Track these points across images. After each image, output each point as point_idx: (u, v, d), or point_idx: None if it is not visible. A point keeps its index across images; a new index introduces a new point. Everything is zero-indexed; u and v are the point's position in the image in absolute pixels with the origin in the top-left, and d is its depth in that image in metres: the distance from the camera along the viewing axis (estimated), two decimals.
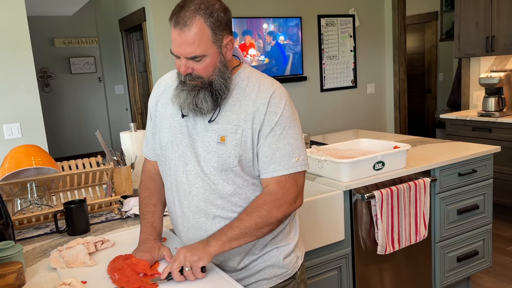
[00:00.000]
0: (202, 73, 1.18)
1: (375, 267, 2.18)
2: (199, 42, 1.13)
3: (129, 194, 1.88)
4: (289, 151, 1.22)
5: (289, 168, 1.22)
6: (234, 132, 1.20)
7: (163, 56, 3.84)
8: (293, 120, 1.24)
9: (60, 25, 7.60)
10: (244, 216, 1.20)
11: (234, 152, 1.20)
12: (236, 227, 1.18)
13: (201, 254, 1.14)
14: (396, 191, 2.09)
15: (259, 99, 1.21)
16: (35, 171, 1.69)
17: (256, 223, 1.19)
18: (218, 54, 1.18)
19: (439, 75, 6.26)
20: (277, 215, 1.21)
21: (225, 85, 1.21)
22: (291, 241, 1.35)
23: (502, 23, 3.70)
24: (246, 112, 1.21)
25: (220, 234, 1.18)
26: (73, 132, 7.85)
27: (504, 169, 3.58)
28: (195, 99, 1.19)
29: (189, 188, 1.26)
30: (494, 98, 3.73)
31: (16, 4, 2.92)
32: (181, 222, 1.31)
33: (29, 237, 1.55)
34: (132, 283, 1.13)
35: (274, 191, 1.22)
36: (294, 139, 1.23)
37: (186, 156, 1.25)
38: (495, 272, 2.87)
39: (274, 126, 1.20)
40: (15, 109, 2.97)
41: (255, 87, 1.24)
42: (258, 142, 1.22)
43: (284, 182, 1.22)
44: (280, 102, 1.22)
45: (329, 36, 4.65)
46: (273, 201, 1.21)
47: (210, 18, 1.13)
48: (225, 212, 1.25)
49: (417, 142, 2.74)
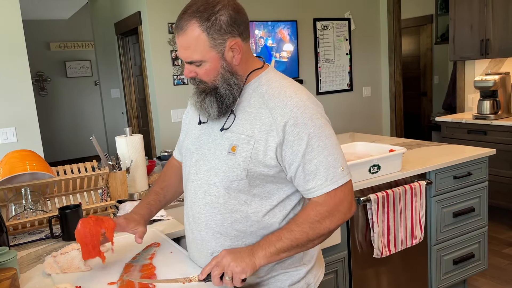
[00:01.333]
0: (204, 78, 1.14)
1: (371, 271, 2.18)
2: (194, 48, 1.10)
3: (124, 198, 1.88)
4: (332, 162, 1.12)
5: (337, 180, 1.12)
6: (246, 143, 1.13)
7: (159, 60, 3.84)
8: (327, 129, 1.14)
9: (56, 28, 7.59)
10: (294, 226, 1.12)
11: (243, 164, 1.12)
12: (286, 239, 1.10)
13: (245, 266, 1.08)
14: (392, 194, 2.09)
15: (278, 109, 1.11)
16: (29, 176, 1.68)
17: (308, 235, 1.12)
18: (219, 59, 1.12)
19: (435, 78, 6.28)
20: (330, 225, 1.13)
21: (230, 91, 1.14)
22: (302, 267, 1.24)
23: (496, 27, 3.73)
24: (262, 122, 1.12)
25: (268, 244, 1.11)
26: (68, 136, 7.83)
27: (500, 171, 3.60)
28: (203, 103, 1.16)
29: (194, 198, 1.23)
30: (489, 101, 3.75)
31: (12, 8, 2.91)
32: (188, 232, 1.29)
33: (23, 243, 1.54)
34: (84, 237, 1.18)
35: (325, 202, 1.13)
36: (334, 148, 1.13)
37: (199, 165, 1.22)
38: (491, 274, 2.88)
39: (309, 140, 1.10)
40: (10, 113, 2.96)
41: (274, 94, 1.14)
42: (284, 158, 1.12)
43: (334, 193, 1.12)
44: (305, 112, 1.11)
45: (324, 39, 4.66)
46: (326, 211, 1.12)
47: (206, 22, 1.08)
48: (224, 228, 1.18)
49: (412, 145, 2.74)
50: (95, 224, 1.20)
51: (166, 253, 1.35)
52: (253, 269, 1.09)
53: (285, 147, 1.11)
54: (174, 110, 3.94)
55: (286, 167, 1.13)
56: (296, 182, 1.14)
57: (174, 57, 3.88)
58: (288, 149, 1.11)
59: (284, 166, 1.13)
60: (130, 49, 4.73)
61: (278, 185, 1.17)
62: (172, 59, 3.88)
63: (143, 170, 2.03)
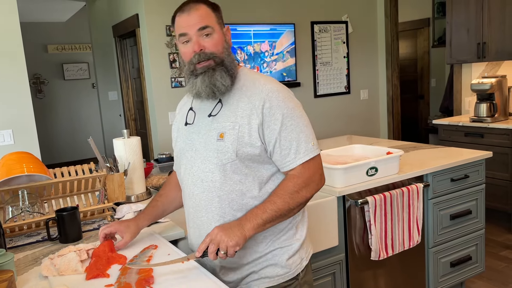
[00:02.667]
0: (214, 49, 1.27)
1: (369, 273, 2.18)
2: (207, 17, 1.27)
3: (122, 201, 1.87)
4: (304, 138, 1.28)
5: (309, 153, 1.28)
6: (232, 128, 1.26)
7: (157, 62, 3.84)
8: (298, 109, 1.29)
9: (54, 31, 7.58)
10: (276, 198, 1.26)
11: (232, 146, 1.25)
12: (271, 210, 1.24)
13: (238, 239, 1.19)
14: (389, 197, 2.09)
15: (255, 95, 1.27)
16: (27, 178, 1.68)
17: (289, 204, 1.26)
18: (222, 34, 1.30)
19: (432, 81, 6.31)
20: (306, 194, 1.28)
21: (234, 64, 1.30)
22: (296, 242, 1.37)
23: (493, 30, 3.74)
24: (242, 109, 1.27)
25: (255, 217, 1.23)
26: (66, 139, 7.81)
27: (496, 174, 3.61)
28: (212, 79, 1.26)
29: (193, 188, 1.34)
30: (485, 104, 3.76)
31: (9, 10, 2.91)
32: (189, 223, 1.40)
33: (20, 245, 1.54)
34: (95, 268, 1.25)
35: (301, 173, 1.28)
36: (305, 126, 1.29)
37: (193, 159, 1.33)
38: (488, 277, 2.88)
39: (283, 120, 1.25)
40: (8, 115, 2.95)
41: (250, 85, 1.30)
42: (264, 137, 1.26)
43: (308, 166, 1.28)
44: (279, 95, 1.27)
45: (322, 42, 4.67)
46: (302, 182, 1.27)
47: (213, 6, 1.30)
48: (222, 209, 1.29)
49: (410, 147, 2.75)
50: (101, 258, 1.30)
51: (164, 255, 1.35)
52: (244, 240, 1.21)
53: (264, 127, 1.26)
54: (172, 113, 3.94)
55: (266, 145, 1.28)
56: (274, 157, 1.29)
57: (172, 59, 3.89)
58: (266, 128, 1.26)
59: (265, 144, 1.28)
60: (128, 51, 4.72)
61: (265, 164, 1.30)
62: (170, 61, 3.88)
63: (141, 172, 2.03)
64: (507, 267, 3.03)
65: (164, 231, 1.59)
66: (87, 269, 1.26)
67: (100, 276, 1.22)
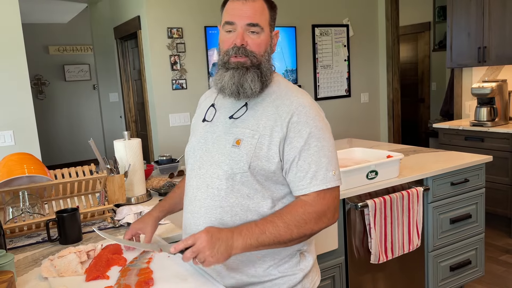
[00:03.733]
0: (255, 49, 1.18)
1: (368, 276, 2.18)
2: (261, 14, 1.18)
3: (122, 202, 1.88)
4: (326, 165, 1.15)
5: (327, 182, 1.15)
6: (251, 137, 1.17)
7: (158, 64, 3.85)
8: (327, 132, 1.19)
9: (55, 32, 7.59)
10: (280, 222, 1.11)
11: (246, 156, 1.15)
12: (270, 234, 1.10)
13: (220, 257, 1.07)
14: (389, 200, 2.09)
15: (284, 106, 1.17)
16: (27, 179, 1.68)
17: (291, 234, 1.12)
18: (269, 37, 1.21)
19: (432, 85, 6.31)
20: (314, 227, 1.15)
21: (269, 72, 1.21)
22: (299, 272, 1.25)
23: (493, 34, 3.75)
24: (267, 118, 1.17)
25: (250, 235, 1.09)
26: (66, 140, 7.81)
27: (496, 178, 3.61)
28: (242, 78, 1.16)
29: (196, 192, 1.24)
30: (486, 108, 3.77)
31: (11, 11, 2.92)
32: (185, 229, 1.30)
33: (20, 246, 1.54)
34: (94, 271, 1.24)
35: (315, 202, 1.14)
36: (330, 151, 1.17)
37: (202, 160, 1.24)
38: (488, 281, 2.88)
39: (307, 138, 1.15)
40: (8, 116, 2.95)
41: (281, 94, 1.21)
42: (284, 153, 1.15)
43: (323, 196, 1.15)
44: (310, 111, 1.17)
45: (323, 45, 4.68)
46: (314, 212, 1.14)
47: (270, 4, 1.22)
48: (223, 222, 1.19)
49: (410, 151, 2.75)
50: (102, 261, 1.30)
51: (163, 257, 1.35)
52: (226, 259, 1.09)
53: (286, 142, 1.15)
54: (173, 115, 3.95)
55: (284, 162, 1.17)
56: (289, 177, 1.17)
57: (173, 61, 3.89)
58: (287, 144, 1.15)
59: (282, 161, 1.17)
60: (129, 53, 4.73)
61: (279, 185, 1.20)
62: (171, 63, 3.89)
63: (141, 174, 2.03)
64: (506, 271, 3.02)
65: (164, 233, 1.59)
66: (87, 271, 1.27)
67: (100, 277, 1.22)
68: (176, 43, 3.89)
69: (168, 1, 3.84)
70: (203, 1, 3.99)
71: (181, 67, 3.94)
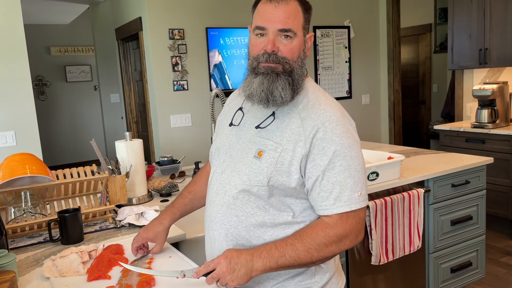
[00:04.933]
0: (287, 55, 1.11)
1: (369, 278, 2.18)
2: (294, 18, 1.10)
3: (123, 203, 1.88)
4: (351, 185, 1.08)
5: (351, 204, 1.08)
6: (274, 150, 1.11)
7: (159, 65, 3.86)
8: (354, 149, 1.10)
9: (57, 33, 7.61)
10: (299, 245, 1.07)
11: (267, 170, 1.10)
12: (290, 257, 1.07)
13: (240, 280, 1.05)
14: (390, 202, 2.10)
15: (309, 120, 1.10)
16: (29, 179, 1.68)
17: (312, 257, 1.08)
18: (303, 42, 1.14)
19: (433, 87, 6.31)
20: (335, 250, 1.10)
21: (301, 79, 1.14)
22: (315, 284, 1.19)
23: (494, 36, 3.75)
24: (291, 131, 1.11)
25: (270, 258, 1.07)
26: (68, 141, 7.83)
27: (497, 180, 3.61)
28: (272, 86, 1.09)
29: (214, 197, 1.21)
30: (487, 110, 3.77)
31: (13, 12, 2.93)
32: (205, 231, 1.28)
33: (22, 246, 1.55)
34: (96, 271, 1.25)
35: (336, 225, 1.09)
36: (357, 171, 1.10)
37: (225, 165, 1.20)
38: (489, 283, 2.88)
39: (332, 157, 1.08)
40: (10, 117, 2.96)
41: (309, 105, 1.13)
42: (305, 171, 1.10)
43: (347, 218, 1.09)
44: (336, 128, 1.09)
45: (324, 47, 4.69)
46: (335, 235, 1.09)
47: (304, 6, 1.13)
48: (238, 231, 1.16)
49: (411, 153, 2.76)
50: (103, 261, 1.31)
51: (165, 258, 1.35)
52: (247, 281, 1.07)
53: (309, 159, 1.09)
54: (174, 116, 3.95)
55: (305, 180, 1.11)
56: (311, 196, 1.12)
57: (175, 62, 3.90)
58: (310, 162, 1.09)
59: (303, 178, 1.11)
60: (131, 54, 4.74)
61: (299, 199, 1.15)
62: (172, 64, 3.90)
63: (142, 175, 2.03)
64: (507, 273, 3.02)
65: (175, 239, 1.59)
66: (88, 271, 1.27)
67: (102, 277, 1.23)
68: (178, 44, 3.90)
69: (169, 3, 3.85)
70: (204, 3, 4.00)
71: (183, 68, 3.94)
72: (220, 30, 4.06)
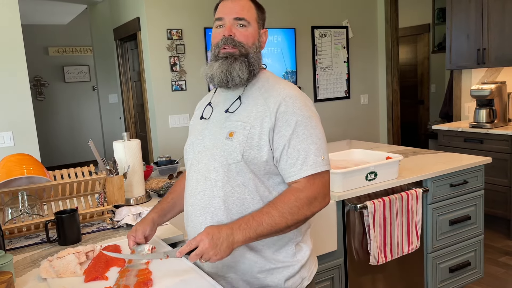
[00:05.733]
0: (243, 39, 1.26)
1: (367, 278, 2.18)
2: (248, 10, 1.28)
3: (121, 203, 1.88)
4: (315, 150, 1.21)
5: (317, 167, 1.20)
6: (243, 128, 1.23)
7: (158, 66, 3.85)
8: (314, 120, 1.24)
9: (55, 33, 7.60)
10: (274, 211, 1.18)
11: (239, 147, 1.22)
12: (267, 224, 1.16)
13: (223, 254, 1.13)
14: (389, 202, 2.09)
15: (271, 98, 1.24)
16: (26, 180, 1.68)
17: (287, 221, 1.18)
18: (257, 32, 1.30)
19: (432, 87, 6.32)
20: (307, 212, 1.20)
21: (258, 63, 1.28)
22: (296, 263, 1.30)
23: (493, 36, 3.76)
24: (257, 110, 1.24)
25: (248, 228, 1.15)
26: (66, 141, 7.81)
27: (496, 180, 3.61)
28: (230, 67, 1.24)
29: (195, 186, 1.29)
30: (485, 110, 3.77)
31: (10, 13, 2.92)
32: (187, 222, 1.34)
33: (19, 247, 1.54)
34: (93, 272, 1.25)
35: (305, 188, 1.20)
36: (318, 138, 1.23)
37: (201, 156, 1.30)
38: (487, 283, 2.88)
39: (295, 127, 1.21)
40: (8, 117, 2.96)
41: (269, 87, 1.28)
42: (273, 142, 1.22)
43: (313, 180, 1.21)
44: (296, 101, 1.23)
45: (322, 47, 4.69)
46: (305, 198, 1.19)
47: (257, 4, 1.31)
48: (221, 211, 1.24)
49: (409, 153, 2.76)
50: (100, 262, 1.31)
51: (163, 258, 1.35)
52: (229, 254, 1.15)
53: (275, 131, 1.22)
54: (172, 116, 3.95)
55: (274, 151, 1.23)
56: (280, 165, 1.23)
57: (173, 63, 3.90)
58: (276, 133, 1.22)
59: (272, 150, 1.23)
60: (129, 54, 4.74)
61: (272, 175, 1.25)
62: (170, 65, 3.89)
63: (140, 175, 2.03)
64: (506, 273, 3.02)
65: (163, 234, 1.59)
66: (85, 272, 1.27)
67: (99, 278, 1.22)
68: (176, 45, 3.89)
69: (167, 3, 3.85)
70: (202, 3, 3.99)
71: (181, 68, 3.94)
72: None
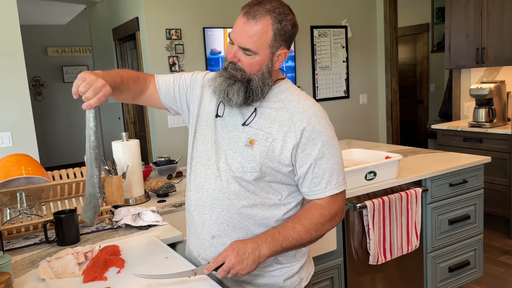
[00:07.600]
0: (245, 67, 1.22)
1: (367, 277, 2.18)
2: (257, 39, 1.18)
3: (120, 204, 1.87)
4: (338, 170, 1.26)
5: (339, 186, 1.26)
6: (265, 139, 1.23)
7: (157, 66, 3.85)
8: (336, 140, 1.28)
9: (53, 34, 7.59)
10: (299, 227, 1.22)
11: (259, 157, 1.22)
12: (292, 239, 1.21)
13: (250, 268, 1.17)
14: (388, 201, 2.09)
15: (297, 114, 1.24)
16: (25, 180, 1.68)
17: (311, 236, 1.24)
18: (268, 59, 1.22)
19: (431, 86, 6.32)
20: (328, 228, 1.27)
21: (261, 89, 1.24)
22: (296, 263, 1.34)
23: (492, 35, 3.76)
24: (281, 123, 1.24)
25: (275, 242, 1.20)
26: (65, 141, 7.80)
27: (495, 179, 3.61)
28: (228, 88, 1.23)
29: (204, 182, 1.29)
30: (484, 109, 3.77)
31: (9, 13, 2.91)
32: (188, 215, 1.36)
33: (18, 247, 1.54)
34: (91, 272, 1.24)
35: (328, 205, 1.26)
36: (339, 157, 1.27)
37: (212, 151, 1.29)
38: (487, 282, 2.88)
39: (321, 147, 1.23)
40: (7, 118, 2.95)
41: (294, 100, 1.26)
42: (296, 159, 1.23)
43: (336, 198, 1.26)
44: (322, 121, 1.25)
45: (321, 46, 4.68)
46: (328, 214, 1.26)
47: (278, 24, 1.19)
48: (229, 214, 1.25)
49: (409, 152, 2.75)
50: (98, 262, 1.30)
51: (162, 259, 1.35)
52: (256, 267, 1.19)
53: (299, 149, 1.23)
54: (171, 116, 3.94)
55: (297, 168, 1.24)
56: (304, 183, 1.26)
57: (172, 63, 3.89)
58: (301, 152, 1.23)
59: (295, 166, 1.24)
60: (128, 54, 4.73)
61: (286, 185, 1.28)
62: (169, 64, 3.89)
63: (139, 175, 2.03)
64: (505, 272, 3.02)
65: (162, 234, 1.58)
66: (84, 272, 1.26)
67: (98, 279, 1.22)
68: (175, 44, 3.89)
69: (166, 2, 3.84)
70: (201, 3, 3.99)
71: (180, 68, 3.93)
72: (217, 30, 4.05)
